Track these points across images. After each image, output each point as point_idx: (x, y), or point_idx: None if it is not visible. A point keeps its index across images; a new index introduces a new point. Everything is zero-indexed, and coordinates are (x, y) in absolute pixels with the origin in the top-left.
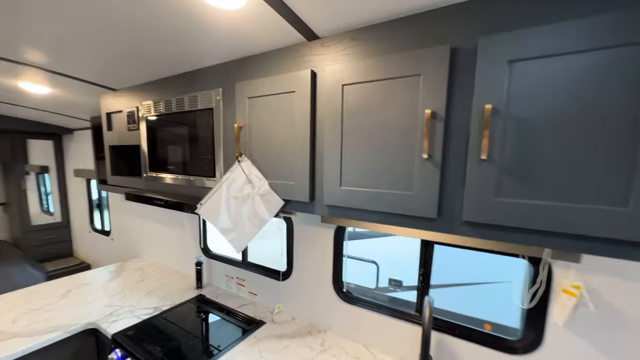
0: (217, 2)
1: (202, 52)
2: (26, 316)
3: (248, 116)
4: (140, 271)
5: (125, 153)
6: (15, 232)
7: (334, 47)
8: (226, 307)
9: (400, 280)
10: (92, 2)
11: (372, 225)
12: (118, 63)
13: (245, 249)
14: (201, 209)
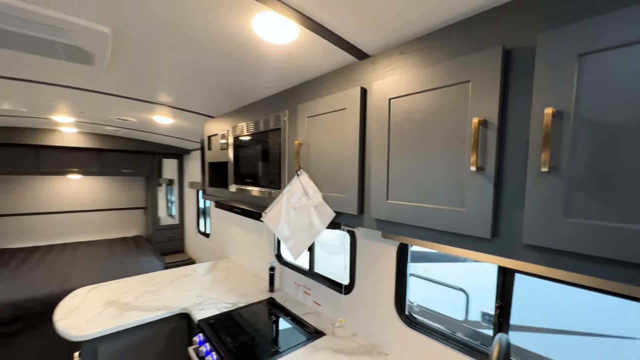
0: (276, 38)
1: (273, 82)
2: (144, 295)
3: (307, 134)
4: (227, 270)
5: (218, 168)
6: (149, 230)
7: (382, 63)
8: (292, 313)
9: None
10: (198, 62)
11: (427, 243)
12: (216, 97)
13: (312, 261)
14: (265, 217)
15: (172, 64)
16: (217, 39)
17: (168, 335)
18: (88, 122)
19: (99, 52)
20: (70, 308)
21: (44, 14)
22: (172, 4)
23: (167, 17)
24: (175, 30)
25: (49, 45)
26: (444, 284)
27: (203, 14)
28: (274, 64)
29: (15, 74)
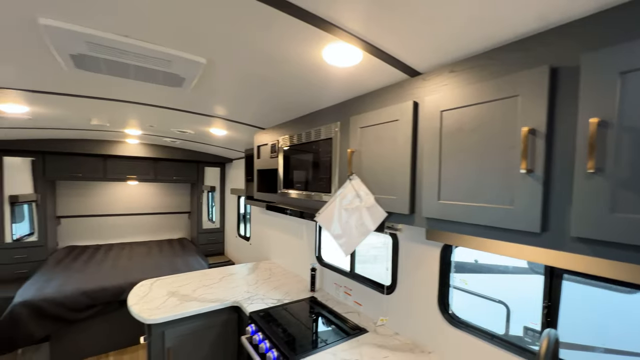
0: (341, 63)
1: (326, 97)
2: (200, 288)
3: (359, 142)
4: (269, 271)
5: (267, 175)
6: (193, 233)
7: (433, 80)
8: (334, 311)
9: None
10: (266, 83)
11: (475, 242)
12: (269, 111)
13: (353, 263)
14: (319, 217)
15: (241, 85)
16: (290, 66)
17: (221, 325)
18: (151, 134)
19: (189, 77)
20: (140, 296)
21: (162, 50)
22: (257, 38)
23: (249, 48)
24: (254, 58)
25: (155, 74)
26: (482, 296)
27: (282, 46)
28: (334, 84)
29: (109, 95)
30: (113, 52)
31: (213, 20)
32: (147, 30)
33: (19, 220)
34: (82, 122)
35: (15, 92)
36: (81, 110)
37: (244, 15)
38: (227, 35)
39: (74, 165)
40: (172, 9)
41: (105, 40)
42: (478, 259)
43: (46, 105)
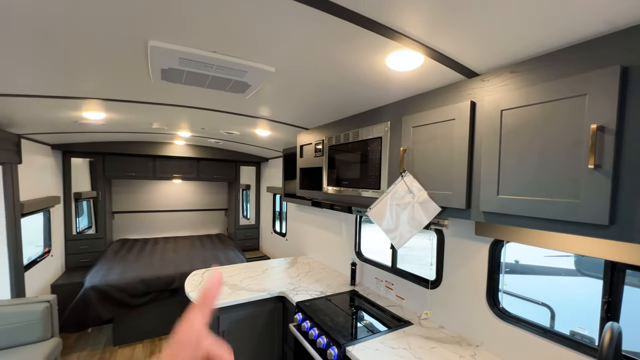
0: (402, 67)
1: (380, 99)
2: (246, 279)
3: (412, 141)
4: (308, 265)
5: (310, 173)
6: (230, 229)
7: (492, 81)
8: (376, 303)
9: (592, 337)
10: (324, 88)
11: (532, 236)
12: (317, 112)
13: (395, 258)
14: (370, 212)
15: (297, 90)
16: (352, 72)
17: (268, 313)
18: (199, 136)
19: (255, 84)
20: (194, 284)
21: (240, 62)
22: (325, 48)
23: (317, 57)
24: (318, 66)
25: (227, 82)
26: (524, 298)
27: (349, 55)
28: (391, 86)
29: (175, 102)
30: (199, 66)
31: (288, 33)
32: (231, 46)
33: (81, 214)
34: (145, 126)
35: (99, 101)
36: (148, 115)
37: (318, 28)
38: (297, 46)
39: (128, 165)
40: (253, 27)
41: (196, 56)
42: (519, 259)
43: (120, 112)
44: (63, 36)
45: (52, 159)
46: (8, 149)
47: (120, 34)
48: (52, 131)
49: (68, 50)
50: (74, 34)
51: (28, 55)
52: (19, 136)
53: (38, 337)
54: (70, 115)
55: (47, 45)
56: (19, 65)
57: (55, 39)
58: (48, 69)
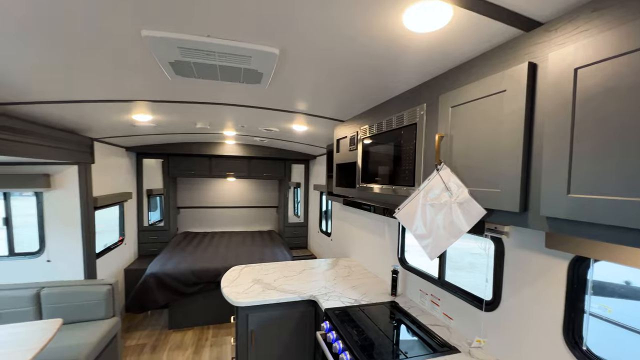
0: (425, 26)
1: (407, 76)
2: (280, 279)
3: (450, 125)
4: (348, 268)
5: (346, 169)
6: (280, 226)
7: (562, 28)
8: (418, 321)
9: None
10: (340, 69)
11: (632, 255)
12: (347, 100)
13: (442, 269)
14: (398, 214)
15: (316, 73)
16: (365, 40)
17: (298, 317)
18: (244, 134)
19: (266, 71)
20: (230, 280)
21: (239, 46)
22: (325, 14)
23: (318, 27)
24: (324, 38)
25: (237, 72)
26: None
27: (355, 17)
28: (417, 56)
29: (206, 99)
30: (200, 54)
31: (280, 4)
32: (223, 27)
33: (153, 209)
34: (190, 126)
35: (142, 102)
36: (188, 115)
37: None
38: (294, 17)
39: (189, 164)
40: (241, 3)
41: (191, 43)
42: (631, 280)
43: (163, 113)
44: (92, 41)
45: (127, 159)
46: (83, 151)
47: (117, 29)
48: (119, 134)
49: (105, 57)
50: (101, 38)
51: (89, 64)
52: (92, 140)
53: (101, 316)
54: (125, 118)
55: (95, 52)
56: (83, 75)
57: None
58: (100, 75)
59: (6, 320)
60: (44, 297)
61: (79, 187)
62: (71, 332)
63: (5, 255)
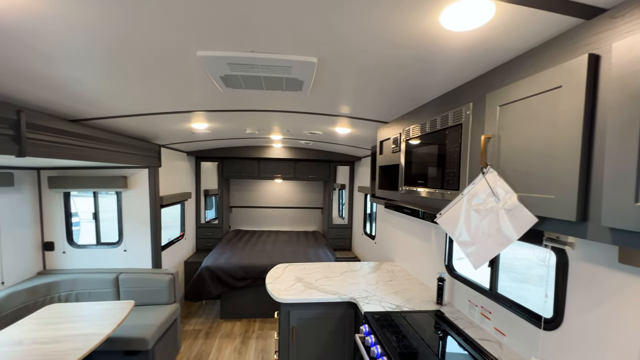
0: (465, 25)
1: (456, 75)
2: (322, 279)
3: (498, 126)
4: (391, 273)
5: (388, 171)
6: (324, 227)
7: (631, 14)
8: (465, 334)
9: None
10: (380, 72)
11: None
12: (388, 101)
13: (494, 279)
14: (440, 219)
15: (355, 77)
16: (403, 43)
17: (338, 319)
18: (290, 138)
19: (306, 79)
20: (274, 277)
21: (280, 58)
22: (362, 20)
23: (355, 33)
24: (362, 44)
25: (280, 81)
26: None
27: (392, 21)
28: (459, 55)
29: (254, 107)
30: (245, 68)
31: (318, 16)
32: (266, 43)
33: (209, 208)
34: (240, 132)
35: (199, 112)
36: (238, 122)
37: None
38: (331, 27)
39: (240, 166)
40: (280, 19)
41: (238, 59)
42: None
43: (217, 121)
44: (158, 63)
45: (187, 163)
46: (152, 156)
47: (178, 51)
48: (181, 141)
49: (168, 75)
50: (165, 60)
51: (157, 82)
52: (159, 146)
53: (164, 301)
54: (186, 126)
55: (156, 73)
56: (152, 91)
57: (155, 66)
58: (165, 90)
59: (94, 298)
60: (121, 281)
61: (148, 187)
62: (140, 313)
63: (94, 244)
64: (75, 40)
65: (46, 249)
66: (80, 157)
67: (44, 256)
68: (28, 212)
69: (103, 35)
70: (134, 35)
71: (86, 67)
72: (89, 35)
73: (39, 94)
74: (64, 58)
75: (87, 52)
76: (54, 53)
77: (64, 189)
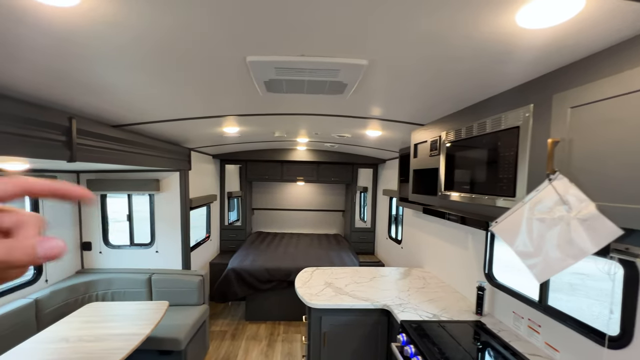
0: (546, 22)
1: (512, 77)
2: (351, 284)
3: (569, 129)
4: (422, 280)
5: (424, 175)
6: (346, 230)
7: None
8: (512, 347)
9: None
10: (433, 75)
11: None
12: (431, 104)
13: (545, 290)
14: (496, 227)
15: (401, 80)
16: (467, 45)
17: (371, 325)
18: (315, 140)
19: (351, 82)
20: (303, 281)
21: (330, 61)
22: (424, 22)
23: (415, 36)
24: (419, 47)
25: (323, 85)
26: None
27: (458, 23)
28: (528, 54)
29: (286, 110)
30: (292, 72)
31: (376, 17)
32: (318, 46)
33: (232, 210)
34: (269, 135)
35: (233, 117)
36: (269, 125)
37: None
38: (388, 28)
39: (263, 169)
40: (335, 23)
41: (287, 63)
42: None
43: (248, 125)
44: (193, 70)
45: (213, 165)
46: (183, 160)
47: (227, 56)
48: (210, 144)
49: (208, 80)
50: (209, 65)
51: (191, 89)
52: (189, 150)
53: (194, 302)
54: (217, 130)
55: (190, 79)
56: (187, 97)
57: (190, 73)
58: (201, 95)
59: (128, 297)
60: (154, 281)
61: (179, 190)
62: (172, 313)
63: (127, 245)
64: (130, 46)
65: (84, 249)
66: (121, 162)
67: (82, 256)
68: (69, 213)
69: (159, 42)
70: (187, 43)
71: (136, 73)
72: (144, 41)
73: (87, 100)
74: (113, 64)
75: (138, 58)
76: (104, 59)
77: (101, 191)
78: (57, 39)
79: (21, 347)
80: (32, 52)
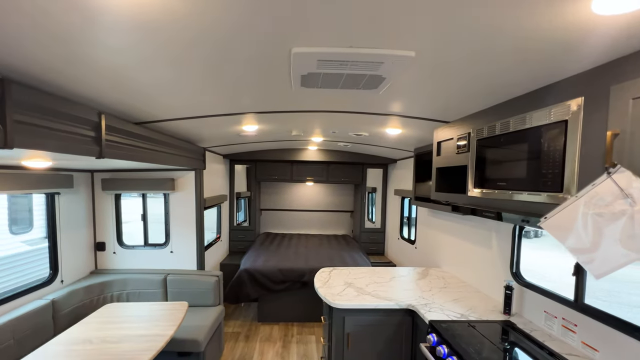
0: (613, 8)
1: (566, 67)
2: (372, 284)
3: (630, 120)
4: (442, 279)
5: (449, 173)
6: (355, 231)
7: None
8: (548, 347)
9: None
10: (479, 69)
11: None
12: (461, 101)
13: (581, 288)
14: (545, 223)
15: (442, 76)
16: (527, 35)
17: (396, 325)
18: (330, 140)
19: (391, 76)
20: (322, 281)
21: (377, 53)
22: (482, 12)
23: (467, 32)
24: (463, 38)
25: (360, 79)
26: None
27: (523, 12)
28: (601, 41)
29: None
30: (334, 65)
31: (427, 5)
32: (367, 36)
33: (239, 210)
34: (285, 134)
35: (253, 114)
36: (288, 123)
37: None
38: (443, 19)
39: (273, 169)
40: (390, 9)
41: (332, 55)
42: None
43: (267, 123)
44: (225, 63)
45: (223, 165)
46: (198, 159)
47: (268, 48)
48: (223, 144)
49: (230, 75)
50: (248, 59)
51: (209, 85)
52: (204, 149)
53: (210, 303)
54: (235, 129)
55: (218, 73)
56: (211, 94)
57: (221, 67)
58: (220, 92)
59: (144, 298)
60: (169, 282)
61: (194, 189)
62: (189, 314)
63: (142, 245)
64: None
65: (98, 249)
66: (145, 159)
67: (96, 256)
68: (83, 213)
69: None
70: (233, 41)
71: (167, 68)
72: (181, 36)
73: (116, 96)
74: (145, 59)
75: (174, 54)
76: (135, 54)
77: (115, 190)
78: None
79: (44, 349)
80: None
